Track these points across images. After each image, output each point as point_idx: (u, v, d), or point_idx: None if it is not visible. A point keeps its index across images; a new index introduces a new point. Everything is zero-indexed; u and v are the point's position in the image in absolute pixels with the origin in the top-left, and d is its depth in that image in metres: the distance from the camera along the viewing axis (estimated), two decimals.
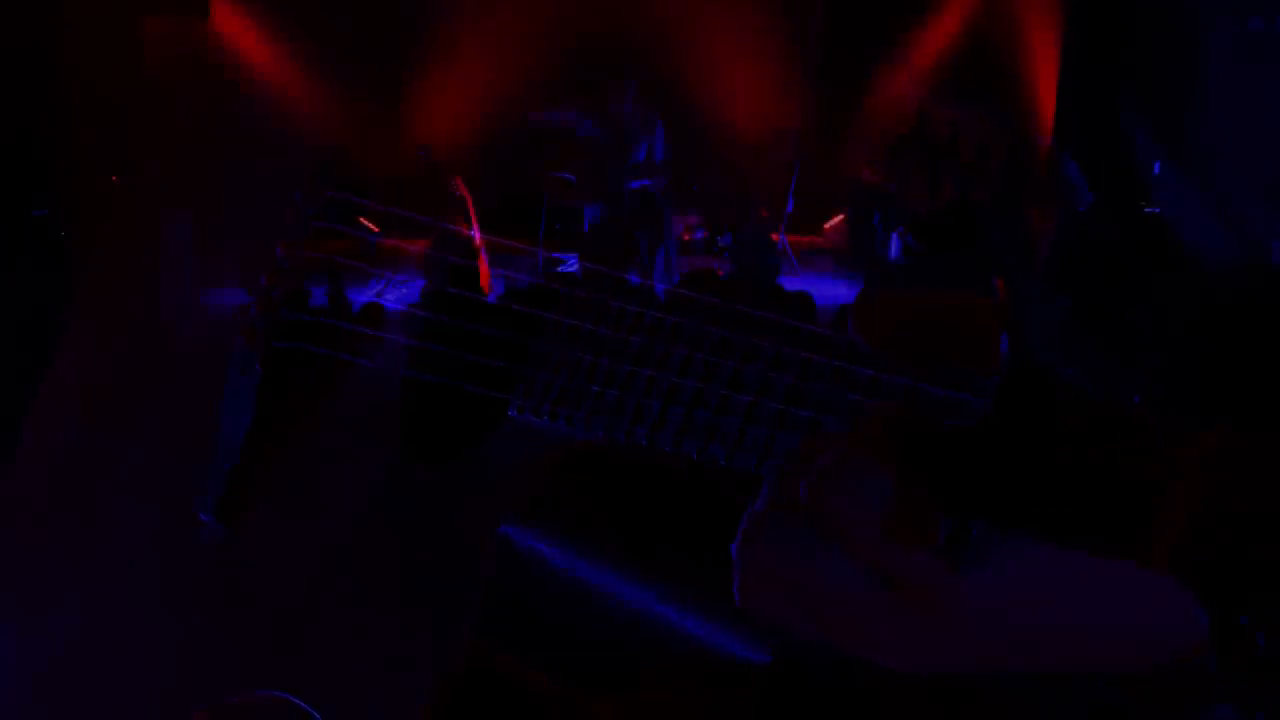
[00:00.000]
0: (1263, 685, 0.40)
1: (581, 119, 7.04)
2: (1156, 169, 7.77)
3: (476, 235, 6.87)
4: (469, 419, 0.70)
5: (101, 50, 7.09)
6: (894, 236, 7.73)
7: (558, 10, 9.14)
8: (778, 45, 9.67)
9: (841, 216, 8.98)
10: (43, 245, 6.09)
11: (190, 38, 8.52)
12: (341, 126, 9.24)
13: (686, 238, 8.60)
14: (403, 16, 9.22)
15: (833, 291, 7.40)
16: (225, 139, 8.50)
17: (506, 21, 9.18)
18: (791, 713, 0.62)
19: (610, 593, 0.67)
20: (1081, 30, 8.19)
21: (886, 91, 9.65)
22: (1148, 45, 7.65)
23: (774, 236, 7.63)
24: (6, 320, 5.10)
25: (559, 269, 7.57)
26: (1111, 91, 7.81)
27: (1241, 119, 7.57)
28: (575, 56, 8.78)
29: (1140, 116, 7.73)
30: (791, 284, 6.58)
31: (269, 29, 9.07)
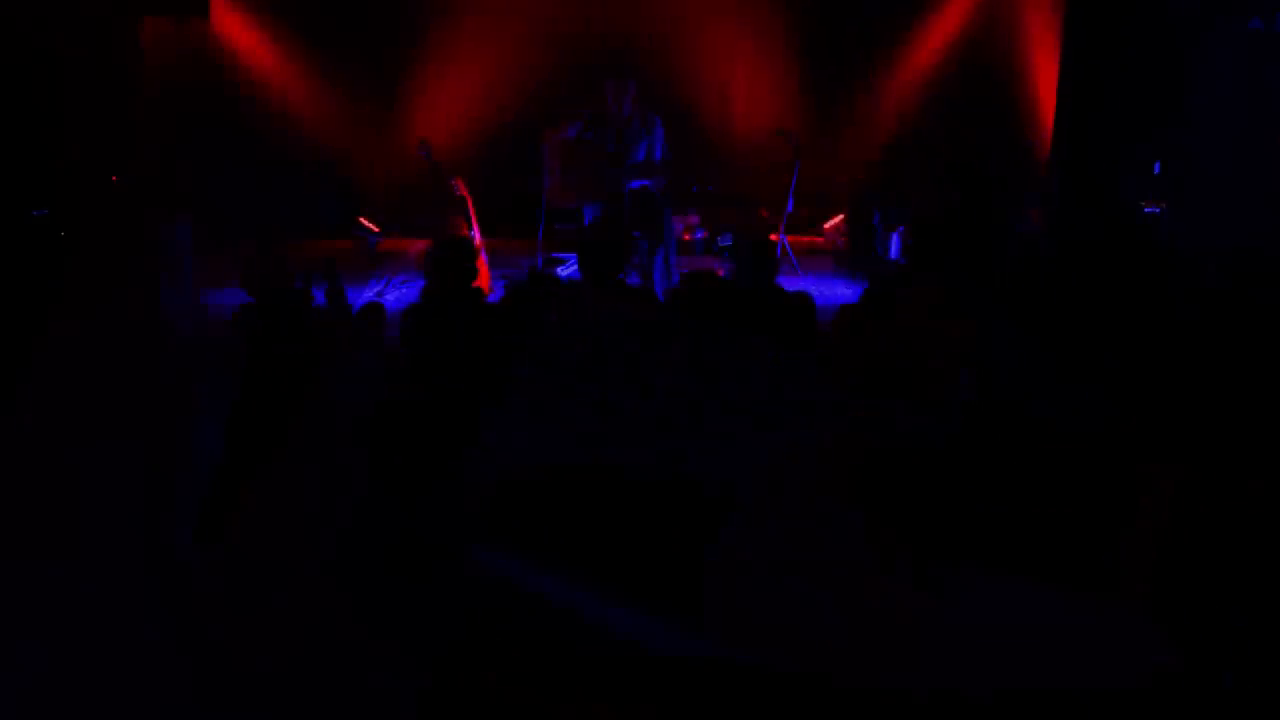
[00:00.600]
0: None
1: (585, 129, 7.05)
2: (1156, 169, 7.78)
3: (477, 236, 6.87)
4: (450, 432, 0.71)
5: (101, 50, 7.09)
6: (894, 236, 7.73)
7: (557, 10, 9.15)
8: (777, 45, 9.67)
9: (841, 216, 8.98)
10: (43, 245, 6.08)
11: (190, 38, 8.52)
12: (341, 127, 9.25)
13: (687, 238, 8.59)
14: (402, 16, 9.23)
15: (832, 291, 7.40)
16: (225, 139, 8.51)
17: (506, 22, 9.19)
18: (780, 716, 0.63)
19: (585, 608, 0.67)
20: (1081, 31, 8.19)
21: (886, 93, 9.66)
22: (1147, 45, 7.65)
23: (773, 237, 7.63)
24: (6, 320, 5.10)
25: (558, 270, 7.58)
26: (1111, 91, 7.81)
27: (1241, 119, 7.58)
28: (575, 56, 8.78)
29: (1140, 117, 7.73)
30: (791, 284, 6.58)
31: (269, 29, 9.07)
